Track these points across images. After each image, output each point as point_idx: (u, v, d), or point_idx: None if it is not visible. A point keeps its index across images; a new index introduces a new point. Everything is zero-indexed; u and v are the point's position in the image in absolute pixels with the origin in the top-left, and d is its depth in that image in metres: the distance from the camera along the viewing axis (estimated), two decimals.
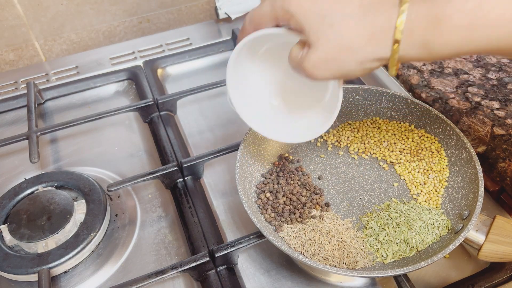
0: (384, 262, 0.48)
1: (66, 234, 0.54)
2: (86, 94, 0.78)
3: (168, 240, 0.57)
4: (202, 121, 0.72)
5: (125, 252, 0.55)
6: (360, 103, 0.63)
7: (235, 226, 0.57)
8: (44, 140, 0.70)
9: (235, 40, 0.83)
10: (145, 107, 0.70)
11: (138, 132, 0.71)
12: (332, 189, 0.57)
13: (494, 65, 0.70)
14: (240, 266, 0.53)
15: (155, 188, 0.63)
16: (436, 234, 0.50)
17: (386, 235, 0.50)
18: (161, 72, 0.81)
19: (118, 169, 0.65)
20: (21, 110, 0.75)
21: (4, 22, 0.82)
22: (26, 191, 0.59)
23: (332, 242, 0.49)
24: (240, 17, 0.89)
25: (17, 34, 0.85)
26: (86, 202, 0.57)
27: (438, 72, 0.70)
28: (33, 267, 0.51)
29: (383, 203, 0.55)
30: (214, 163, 0.64)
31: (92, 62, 0.83)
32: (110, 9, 0.89)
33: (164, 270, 0.50)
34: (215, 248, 0.51)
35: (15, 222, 0.54)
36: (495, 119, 0.60)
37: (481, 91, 0.65)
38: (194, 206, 0.58)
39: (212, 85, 0.72)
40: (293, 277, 0.52)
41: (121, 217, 0.59)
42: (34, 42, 0.87)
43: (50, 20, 0.86)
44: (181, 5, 0.95)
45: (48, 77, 0.81)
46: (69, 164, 0.66)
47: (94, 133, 0.71)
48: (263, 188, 0.56)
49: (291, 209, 0.53)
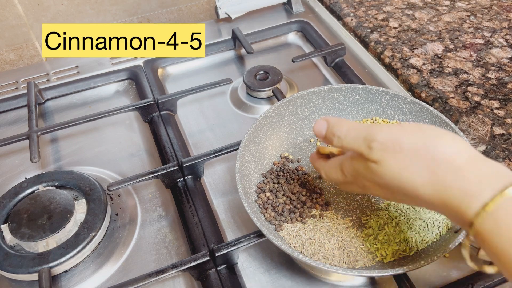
0: (384, 261, 0.48)
1: (66, 233, 0.54)
2: (86, 93, 0.78)
3: (169, 239, 0.57)
4: (202, 120, 0.72)
5: (126, 252, 0.55)
6: (360, 103, 0.63)
7: (235, 226, 0.57)
8: (45, 140, 0.70)
9: (235, 39, 0.83)
10: (146, 107, 0.70)
11: (138, 132, 0.71)
12: (332, 188, 0.57)
13: (494, 65, 0.70)
14: (240, 266, 0.53)
15: (155, 187, 0.63)
16: (436, 233, 0.50)
17: (386, 234, 0.50)
18: (161, 72, 0.81)
19: (119, 169, 0.65)
20: (21, 110, 0.75)
21: (5, 22, 0.82)
22: (26, 191, 0.59)
23: (332, 241, 0.49)
24: (240, 16, 0.89)
25: (17, 34, 0.85)
26: (87, 202, 0.57)
27: (438, 71, 0.70)
28: (34, 266, 0.51)
29: (383, 202, 0.55)
30: (214, 162, 0.64)
31: (92, 61, 0.83)
32: (110, 9, 0.89)
33: (165, 269, 0.50)
34: (215, 247, 0.51)
35: (16, 221, 0.54)
36: (494, 119, 0.61)
37: (480, 91, 0.65)
38: (195, 205, 0.58)
39: (212, 85, 0.72)
40: (293, 276, 0.52)
41: (121, 216, 0.59)
42: (35, 42, 0.87)
43: (50, 20, 0.86)
44: (181, 5, 0.95)
45: (49, 76, 0.81)
46: (69, 163, 0.67)
47: (94, 133, 0.71)
48: (263, 188, 0.56)
49: (291, 209, 0.53)
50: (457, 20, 0.80)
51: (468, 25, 0.79)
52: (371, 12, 0.85)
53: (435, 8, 0.84)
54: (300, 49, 0.86)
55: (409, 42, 0.76)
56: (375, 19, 0.83)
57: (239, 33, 0.82)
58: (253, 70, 0.75)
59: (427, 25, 0.80)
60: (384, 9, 0.85)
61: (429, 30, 0.78)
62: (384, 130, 0.37)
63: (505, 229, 0.30)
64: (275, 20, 0.90)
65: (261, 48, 0.85)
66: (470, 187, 0.32)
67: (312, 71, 0.81)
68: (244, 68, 0.82)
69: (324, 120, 0.43)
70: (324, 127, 0.42)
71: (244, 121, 0.71)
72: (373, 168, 0.38)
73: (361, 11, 0.85)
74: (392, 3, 0.86)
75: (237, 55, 0.85)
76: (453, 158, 0.34)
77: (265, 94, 0.73)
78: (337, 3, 0.89)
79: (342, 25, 0.87)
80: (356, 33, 0.82)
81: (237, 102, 0.75)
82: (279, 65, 0.77)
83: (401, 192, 0.37)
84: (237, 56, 0.85)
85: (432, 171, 0.34)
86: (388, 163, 0.36)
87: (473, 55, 0.72)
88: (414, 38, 0.77)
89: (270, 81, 0.73)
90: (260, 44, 0.85)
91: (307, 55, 0.77)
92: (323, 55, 0.78)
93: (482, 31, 0.77)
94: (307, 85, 0.77)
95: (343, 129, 0.40)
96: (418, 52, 0.74)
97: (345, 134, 0.40)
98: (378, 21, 0.82)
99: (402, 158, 0.36)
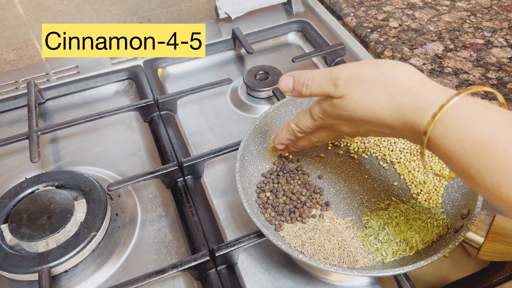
0: (384, 261, 0.48)
1: (66, 233, 0.54)
2: (86, 93, 0.78)
3: (169, 239, 0.57)
4: (202, 120, 0.72)
5: (126, 252, 0.55)
6: None
7: (235, 225, 0.57)
8: (45, 140, 0.70)
9: (235, 39, 0.83)
10: (146, 107, 0.70)
11: (138, 132, 0.71)
12: (332, 188, 0.57)
13: (494, 65, 0.70)
14: (240, 265, 0.53)
15: (155, 187, 0.63)
16: (436, 233, 0.50)
17: (386, 234, 0.50)
18: (161, 72, 0.81)
19: (119, 169, 0.65)
20: (21, 110, 0.75)
21: (5, 21, 0.82)
22: (26, 191, 0.59)
23: (332, 241, 0.49)
24: (240, 16, 0.89)
25: (17, 34, 0.85)
26: (87, 202, 0.57)
27: (438, 71, 0.70)
28: (34, 266, 0.51)
29: (383, 202, 0.55)
30: (214, 162, 0.64)
31: (92, 61, 0.83)
32: (110, 9, 0.89)
33: (165, 269, 0.50)
34: (215, 247, 0.51)
35: (16, 221, 0.54)
36: None
37: (481, 91, 0.65)
38: (195, 205, 0.58)
39: (212, 85, 0.72)
40: (293, 276, 0.52)
41: (121, 216, 0.59)
42: (35, 41, 0.87)
43: (50, 20, 0.86)
44: (181, 5, 0.95)
45: (49, 76, 0.81)
46: (69, 163, 0.67)
47: (94, 133, 0.71)
48: (263, 188, 0.56)
49: (291, 209, 0.53)
50: (457, 20, 0.80)
51: (468, 25, 0.79)
52: (371, 12, 0.85)
53: (435, 8, 0.84)
54: (300, 49, 0.86)
55: (409, 42, 0.76)
56: (375, 19, 0.83)
57: (239, 33, 0.82)
58: (253, 70, 0.75)
59: (427, 25, 0.80)
60: (384, 9, 0.85)
61: (429, 30, 0.78)
62: (345, 67, 0.42)
63: (452, 131, 0.35)
64: (275, 20, 0.90)
65: (261, 48, 0.85)
66: (422, 102, 0.37)
67: None
68: (244, 68, 0.82)
69: (289, 75, 0.46)
70: (291, 80, 0.46)
71: (244, 121, 0.71)
72: (337, 103, 0.42)
73: (361, 11, 0.85)
74: (392, 3, 0.86)
75: (237, 55, 0.85)
76: (406, 81, 0.39)
77: (265, 94, 0.73)
78: (337, 3, 0.89)
79: (342, 25, 0.87)
80: (356, 33, 0.82)
81: (237, 102, 0.75)
82: (279, 65, 0.77)
83: (364, 121, 0.41)
84: (237, 56, 0.85)
85: (389, 95, 0.39)
86: (351, 95, 0.41)
87: (473, 55, 0.72)
88: (414, 38, 0.77)
89: (270, 81, 0.73)
90: (260, 44, 0.85)
91: (307, 55, 0.77)
92: (323, 55, 0.78)
93: (482, 31, 0.77)
94: None
95: (309, 77, 0.44)
96: (418, 52, 0.74)
97: (311, 80, 0.44)
98: (378, 21, 0.82)
99: (363, 88, 0.40)
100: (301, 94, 0.45)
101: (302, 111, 0.49)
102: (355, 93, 0.41)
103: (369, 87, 0.40)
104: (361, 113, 0.41)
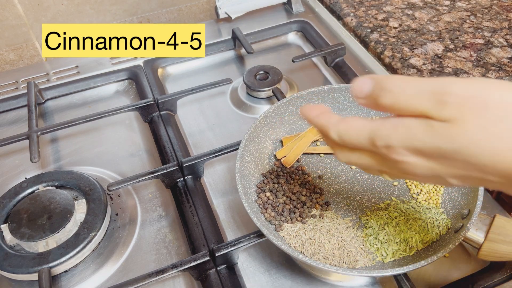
0: (384, 261, 0.48)
1: (66, 233, 0.54)
2: (86, 93, 0.78)
3: (169, 239, 0.57)
4: (202, 120, 0.72)
5: (126, 252, 0.55)
6: None
7: (235, 225, 0.57)
8: (45, 140, 0.70)
9: (235, 39, 0.83)
10: (146, 107, 0.70)
11: (138, 132, 0.71)
12: (332, 188, 0.57)
13: (494, 65, 0.70)
14: (240, 265, 0.53)
15: (155, 187, 0.63)
16: (436, 233, 0.50)
17: (386, 234, 0.50)
18: (161, 72, 0.81)
19: (119, 169, 0.65)
20: (21, 110, 0.75)
21: (5, 21, 0.82)
22: (26, 191, 0.59)
23: (332, 241, 0.49)
24: (240, 16, 0.89)
25: (17, 34, 0.85)
26: (87, 202, 0.57)
27: (438, 71, 0.70)
28: (34, 266, 0.51)
29: (383, 202, 0.55)
30: (214, 162, 0.64)
31: (92, 61, 0.83)
32: (110, 9, 0.89)
33: (165, 269, 0.50)
34: (215, 247, 0.51)
35: (16, 221, 0.54)
36: None
37: None
38: (195, 205, 0.58)
39: (212, 85, 0.72)
40: (293, 276, 0.52)
41: (121, 216, 0.59)
42: (35, 42, 0.87)
43: (50, 20, 0.86)
44: (181, 5, 0.95)
45: (49, 76, 0.81)
46: (69, 163, 0.67)
47: (94, 133, 0.71)
48: (263, 188, 0.56)
49: (291, 208, 0.53)
50: (457, 20, 0.80)
51: (468, 25, 0.79)
52: (371, 12, 0.85)
53: (435, 8, 0.84)
54: (300, 49, 0.86)
55: (409, 42, 0.76)
56: (375, 19, 0.83)
57: (239, 33, 0.82)
58: (253, 70, 0.75)
59: (427, 25, 0.80)
60: (384, 9, 0.85)
61: (429, 30, 0.78)
62: (458, 80, 0.29)
63: None
64: (275, 20, 0.90)
65: (261, 48, 0.85)
66: None
67: (312, 71, 0.81)
68: (244, 68, 0.82)
69: (368, 78, 0.32)
70: (368, 83, 0.32)
71: (244, 121, 0.71)
72: (440, 130, 0.28)
73: (361, 11, 0.85)
74: (392, 3, 0.86)
75: (237, 55, 0.85)
76: None
77: (265, 94, 0.73)
78: (337, 3, 0.89)
79: (342, 25, 0.86)
80: (356, 33, 0.82)
81: (237, 102, 0.75)
82: (279, 65, 0.77)
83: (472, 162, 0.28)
84: (237, 56, 0.85)
85: None
86: (469, 123, 0.27)
87: (473, 55, 0.72)
88: (414, 38, 0.77)
89: (270, 81, 0.73)
90: (260, 44, 0.85)
91: (307, 55, 0.77)
92: (323, 55, 0.78)
93: (482, 31, 0.77)
94: (307, 85, 0.77)
95: (397, 83, 0.30)
96: (418, 52, 0.74)
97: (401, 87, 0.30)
98: (378, 21, 0.82)
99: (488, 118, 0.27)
100: (378, 103, 0.31)
101: (356, 121, 0.33)
102: (476, 122, 0.27)
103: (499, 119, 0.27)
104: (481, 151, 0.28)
